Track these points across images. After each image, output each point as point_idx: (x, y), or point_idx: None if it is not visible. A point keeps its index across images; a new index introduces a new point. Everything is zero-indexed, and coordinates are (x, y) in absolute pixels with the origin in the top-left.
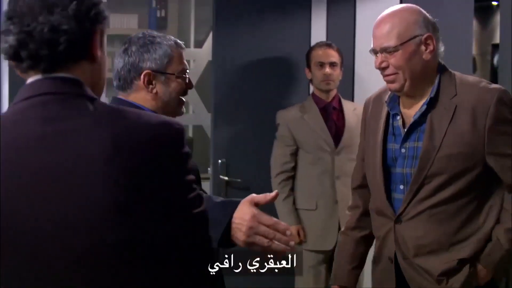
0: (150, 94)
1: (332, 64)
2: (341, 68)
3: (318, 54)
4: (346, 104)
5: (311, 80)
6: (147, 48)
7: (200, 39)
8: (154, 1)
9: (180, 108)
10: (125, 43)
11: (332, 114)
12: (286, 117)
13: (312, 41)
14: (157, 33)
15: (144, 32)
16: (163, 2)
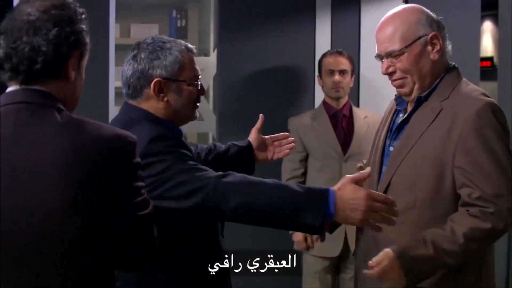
0: (162, 103)
1: (342, 72)
2: (352, 76)
3: (329, 62)
4: (357, 112)
5: (323, 88)
6: (157, 55)
7: None
8: (174, 11)
9: (194, 113)
10: (134, 49)
11: (341, 122)
12: (297, 124)
13: (317, 48)
14: (167, 38)
15: (153, 36)
16: (183, 12)
